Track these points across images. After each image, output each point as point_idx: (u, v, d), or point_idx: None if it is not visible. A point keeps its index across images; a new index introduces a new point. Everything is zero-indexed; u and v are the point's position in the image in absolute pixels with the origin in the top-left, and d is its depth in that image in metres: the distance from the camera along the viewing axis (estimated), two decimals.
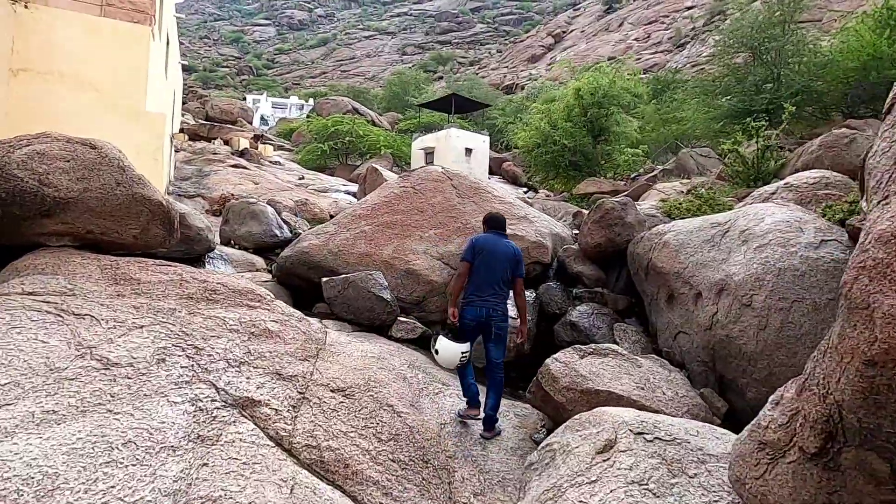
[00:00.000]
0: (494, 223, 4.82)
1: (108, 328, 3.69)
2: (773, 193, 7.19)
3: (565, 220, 9.80)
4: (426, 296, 6.96)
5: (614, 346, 4.78)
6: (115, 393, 3.16)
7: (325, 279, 6.67)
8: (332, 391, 4.04)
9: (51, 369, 3.19)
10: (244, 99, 54.43)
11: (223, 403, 3.46)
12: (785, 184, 7.18)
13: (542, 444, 3.08)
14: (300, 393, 3.87)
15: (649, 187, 13.28)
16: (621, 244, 6.87)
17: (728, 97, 21.68)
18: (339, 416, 3.80)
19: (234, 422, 3.37)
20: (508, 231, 7.32)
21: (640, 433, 2.56)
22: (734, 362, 4.53)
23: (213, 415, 3.34)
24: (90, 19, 11.15)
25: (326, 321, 6.27)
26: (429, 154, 27.52)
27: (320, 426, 3.63)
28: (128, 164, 5.08)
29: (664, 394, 4.31)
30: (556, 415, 4.50)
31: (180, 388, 3.41)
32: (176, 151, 17.46)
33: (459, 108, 32.52)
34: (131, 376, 3.34)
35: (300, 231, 10.04)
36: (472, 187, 7.99)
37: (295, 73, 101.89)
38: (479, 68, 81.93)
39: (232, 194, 13.07)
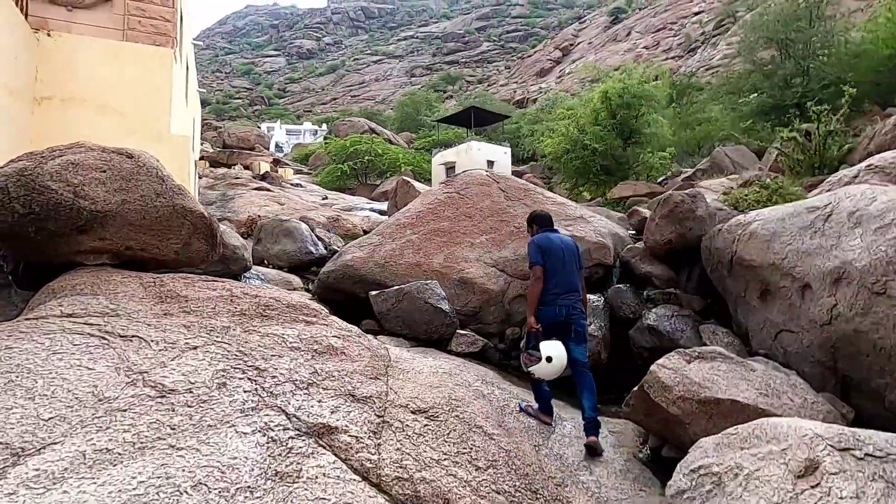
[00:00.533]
0: (545, 220, 4.56)
1: (159, 350, 3.22)
2: (856, 177, 6.61)
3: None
4: (482, 306, 6.44)
5: (720, 350, 4.20)
6: (176, 425, 2.67)
7: (373, 293, 6.18)
8: (412, 413, 3.51)
9: (100, 399, 2.71)
10: (259, 127, 54.87)
11: (297, 432, 2.95)
12: (868, 166, 6.60)
13: (690, 467, 2.53)
14: (379, 416, 3.35)
15: (691, 186, 12.69)
16: (693, 240, 6.31)
17: (756, 93, 21.10)
18: (426, 441, 3.26)
19: (312, 453, 2.85)
20: (566, 233, 6.83)
21: (844, 449, 2.01)
22: (866, 360, 3.93)
23: (288, 446, 2.82)
24: (112, 44, 10.96)
25: (380, 337, 5.77)
26: (450, 169, 27.14)
27: (409, 454, 3.09)
28: (167, 174, 4.67)
29: (791, 400, 3.72)
30: (663, 429, 3.93)
31: (247, 415, 2.91)
32: (199, 178, 17.26)
33: (479, 120, 32.21)
34: (191, 404, 2.85)
35: (335, 248, 9.60)
36: (520, 189, 7.50)
37: (306, 101, 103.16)
38: (489, 85, 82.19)
39: (259, 216, 12.72)
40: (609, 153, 16.23)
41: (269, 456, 2.71)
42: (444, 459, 3.16)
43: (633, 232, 7.95)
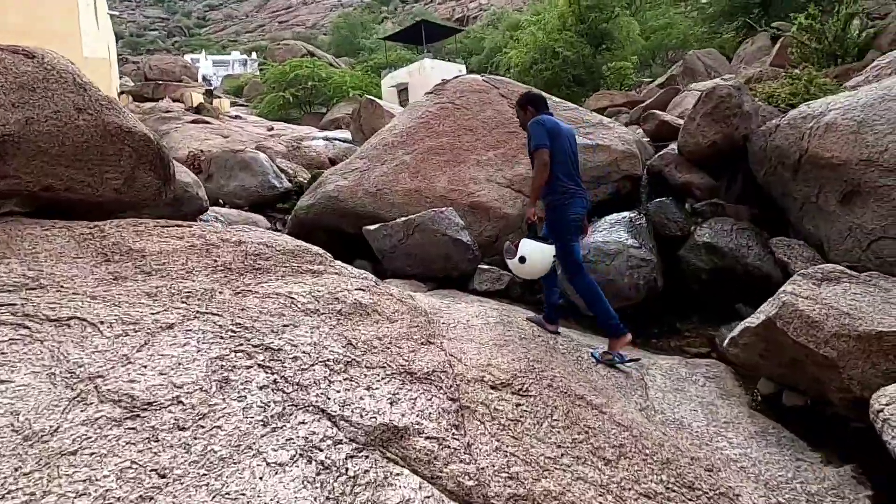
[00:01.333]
0: (542, 102, 3.91)
1: (116, 337, 2.08)
2: None
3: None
4: (499, 235, 5.44)
5: (840, 267, 3.37)
6: (167, 467, 1.59)
7: (371, 227, 5.06)
8: (494, 388, 2.53)
9: (25, 437, 1.59)
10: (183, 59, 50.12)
11: (353, 444, 1.92)
12: None
13: None
14: (453, 400, 2.35)
15: (677, 91, 11.78)
16: (738, 140, 5.41)
17: None
18: (528, 430, 2.31)
19: (385, 478, 1.84)
20: (587, 141, 5.80)
21: None
22: None
23: (348, 471, 1.79)
24: None
25: (387, 281, 4.73)
26: (402, 91, 25.25)
27: (515, 455, 2.13)
28: (87, 81, 3.31)
29: None
30: (790, 374, 3.12)
31: (274, 430, 1.85)
32: None
33: (429, 36, 29.99)
34: (184, 423, 1.76)
35: (301, 179, 8.27)
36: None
37: (230, 30, 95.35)
38: (425, 4, 77.80)
39: (202, 150, 11.08)
40: (581, 61, 15.03)
41: (326, 499, 1.68)
42: (562, 456, 2.21)
43: (649, 139, 7.00)
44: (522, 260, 3.50)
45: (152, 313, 2.26)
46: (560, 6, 15.87)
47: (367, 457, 1.90)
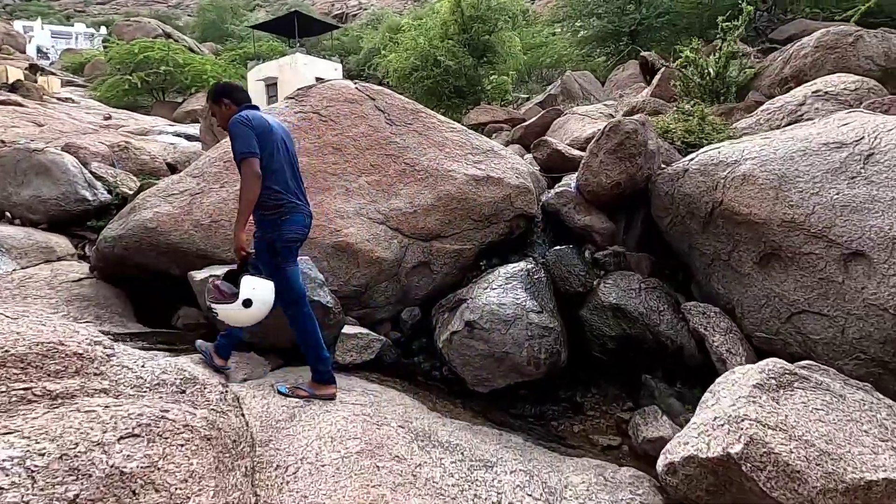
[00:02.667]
0: (241, 92, 3.16)
1: None
2: (802, 104, 5.61)
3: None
4: (370, 283, 4.40)
5: (780, 362, 2.74)
6: None
7: (197, 276, 3.78)
8: None
9: None
10: (10, 25, 43.10)
11: None
12: (815, 92, 5.63)
13: None
14: None
15: (559, 113, 11.49)
16: (641, 182, 4.85)
17: (595, 17, 20.68)
18: None
19: None
20: (478, 171, 4.97)
21: None
22: None
23: None
24: None
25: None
26: (270, 86, 23.11)
27: None
28: None
29: None
30: None
31: None
32: None
33: (303, 30, 28.01)
34: None
35: (127, 189, 6.60)
36: (405, 109, 5.36)
37: None
38: None
39: (2, 141, 8.83)
40: (463, 72, 14.38)
41: None
42: None
43: (540, 168, 6.34)
44: (248, 303, 2.75)
45: None
46: (443, 13, 15.16)
47: None
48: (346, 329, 3.86)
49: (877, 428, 2.41)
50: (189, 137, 12.53)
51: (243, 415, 2.46)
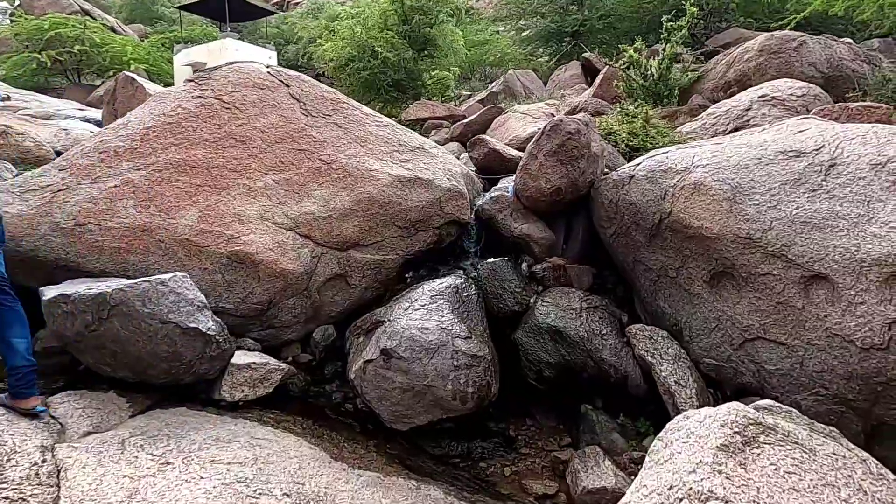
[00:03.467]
0: None
1: None
2: (748, 109, 5.35)
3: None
4: (275, 299, 3.76)
5: (739, 407, 2.32)
6: None
7: (48, 293, 3.03)
8: None
9: None
10: None
11: None
12: (762, 97, 5.38)
13: None
14: None
15: (500, 111, 11.08)
16: (583, 187, 4.42)
17: (539, 16, 20.54)
18: None
19: None
20: (404, 171, 4.42)
21: None
22: None
23: None
24: None
25: (59, 399, 2.77)
26: (198, 71, 21.69)
27: None
28: None
29: None
30: None
31: None
32: None
33: (235, 14, 26.41)
34: None
35: None
36: (324, 99, 4.74)
37: None
38: None
39: None
40: (402, 65, 13.75)
41: None
42: None
43: (476, 169, 5.84)
44: None
45: None
46: (382, 2, 14.47)
47: None
48: (238, 358, 3.21)
49: (856, 495, 2.02)
50: (98, 123, 11.30)
51: (59, 497, 1.81)
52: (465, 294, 3.67)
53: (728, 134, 5.08)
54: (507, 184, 4.99)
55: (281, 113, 4.45)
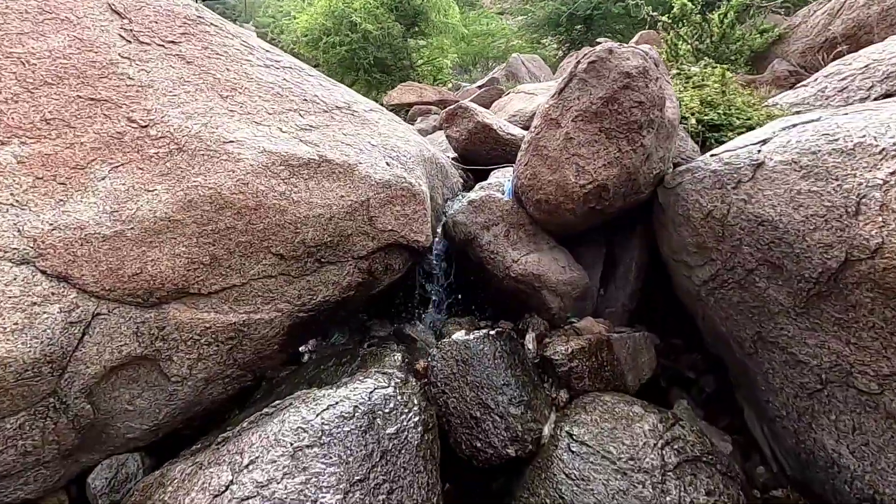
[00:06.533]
0: None
1: None
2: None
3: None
4: None
5: None
6: None
7: None
8: None
9: None
10: None
11: None
12: None
13: None
14: None
15: (500, 93, 9.12)
16: (645, 185, 2.34)
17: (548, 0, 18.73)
18: None
19: None
20: (301, 149, 2.33)
21: None
22: None
23: None
24: None
25: None
26: None
27: None
28: None
29: None
30: None
31: None
32: None
33: None
34: None
35: None
36: (171, 16, 2.62)
37: None
38: None
39: None
40: (386, 41, 11.60)
41: None
42: None
43: (455, 156, 3.75)
44: None
45: None
46: None
47: None
48: None
49: None
50: None
51: None
52: (395, 428, 1.56)
53: (876, 101, 2.99)
54: (501, 179, 2.91)
55: (76, 32, 2.34)
